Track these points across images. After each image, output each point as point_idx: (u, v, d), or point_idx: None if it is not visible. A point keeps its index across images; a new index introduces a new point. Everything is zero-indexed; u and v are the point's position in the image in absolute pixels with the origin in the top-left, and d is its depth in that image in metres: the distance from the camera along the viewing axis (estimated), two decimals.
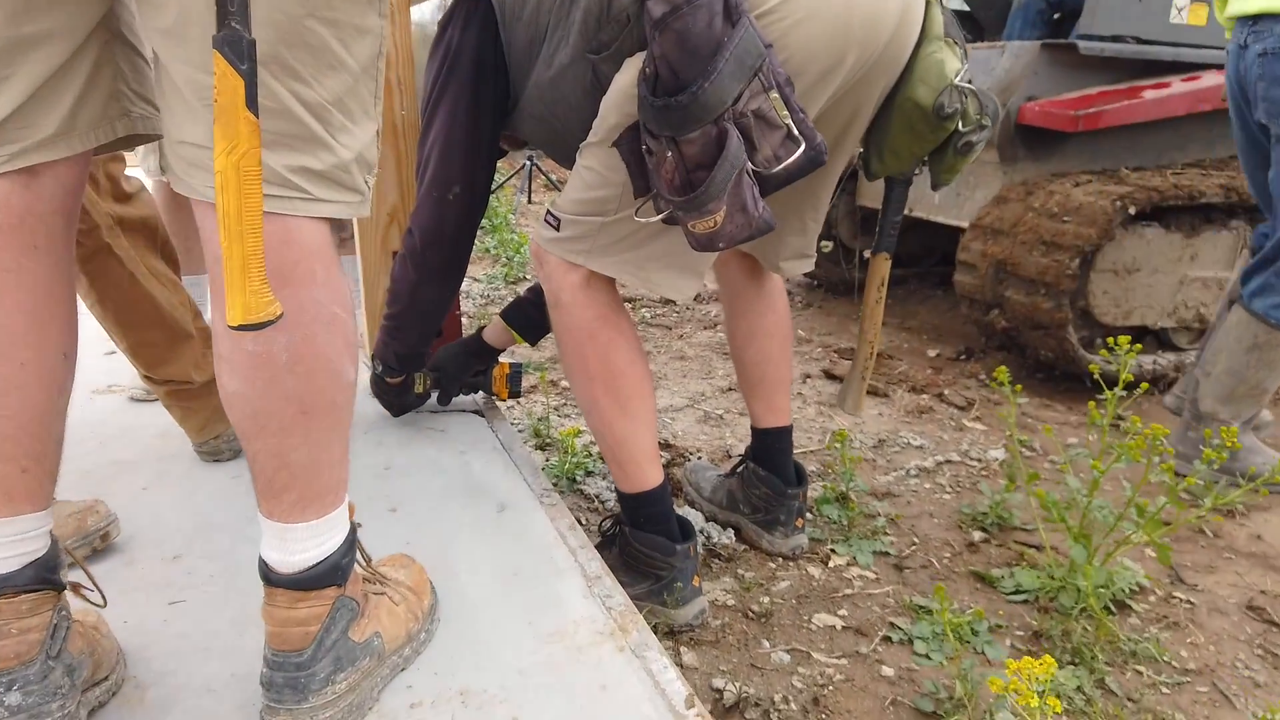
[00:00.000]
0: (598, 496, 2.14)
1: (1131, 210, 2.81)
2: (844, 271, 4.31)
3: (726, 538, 1.95)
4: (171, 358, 1.76)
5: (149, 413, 2.09)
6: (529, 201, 7.68)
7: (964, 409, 2.82)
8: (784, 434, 1.90)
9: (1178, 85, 3.16)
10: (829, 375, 3.12)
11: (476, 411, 2.15)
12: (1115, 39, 3.22)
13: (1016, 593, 1.77)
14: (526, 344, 2.07)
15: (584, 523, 1.99)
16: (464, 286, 4.26)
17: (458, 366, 2.05)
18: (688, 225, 1.31)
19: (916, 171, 1.68)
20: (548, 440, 2.46)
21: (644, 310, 3.97)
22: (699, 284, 1.53)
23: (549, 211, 1.53)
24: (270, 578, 1.07)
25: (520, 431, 2.47)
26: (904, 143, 1.57)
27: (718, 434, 2.56)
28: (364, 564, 1.24)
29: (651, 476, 1.60)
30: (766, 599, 1.73)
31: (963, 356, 3.43)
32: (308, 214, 0.95)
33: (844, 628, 1.66)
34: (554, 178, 7.90)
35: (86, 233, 1.62)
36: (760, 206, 1.30)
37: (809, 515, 2.04)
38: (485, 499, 1.71)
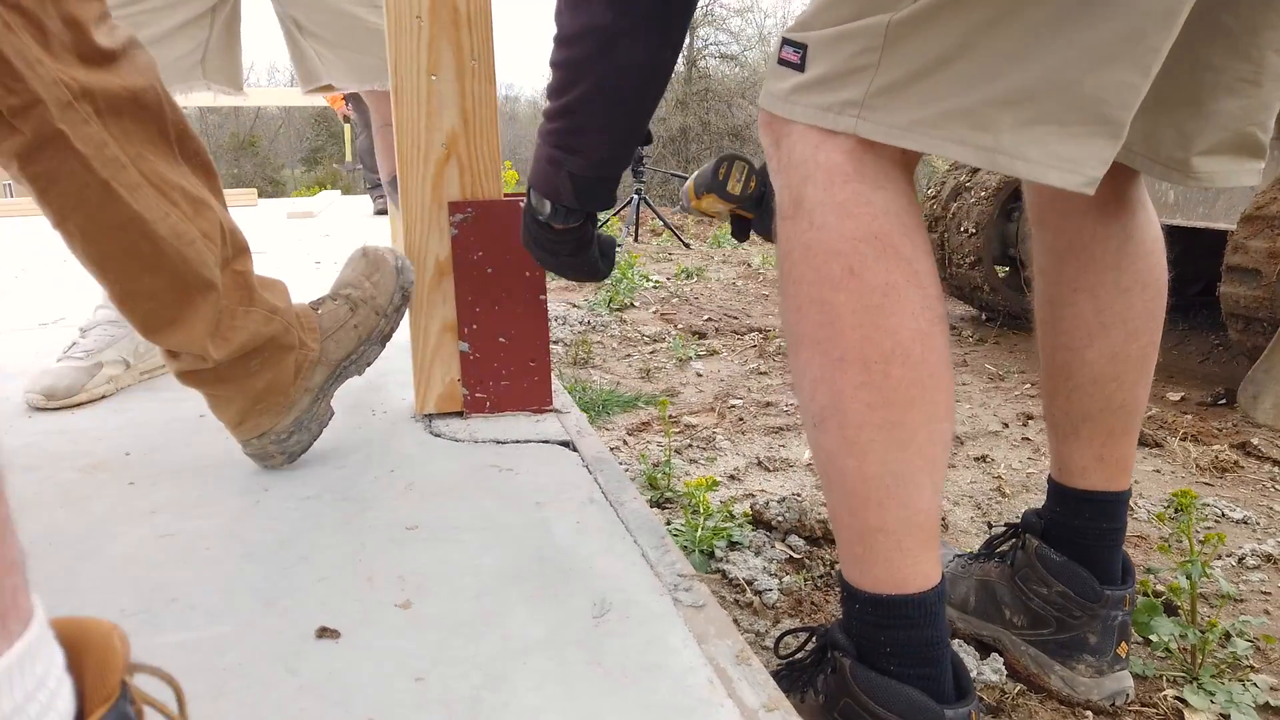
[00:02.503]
0: (751, 584, 1.34)
1: None
2: (1027, 301, 3.45)
3: (989, 669, 1.12)
4: (180, 317, 1.11)
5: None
6: (635, 240, 7.04)
7: None
8: (1117, 504, 1.07)
9: None
10: None
11: (564, 442, 1.39)
12: None
13: None
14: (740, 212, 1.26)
15: (738, 629, 1.20)
16: (561, 312, 3.57)
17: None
18: None
19: None
20: (668, 494, 1.68)
21: (777, 339, 3.18)
22: (1114, 144, 0.71)
23: (784, 40, 0.82)
24: None
25: (631, 480, 1.70)
26: None
27: None
28: None
29: (921, 569, 0.83)
30: None
31: (1221, 401, 2.51)
32: None
33: None
34: (665, 219, 7.25)
35: (22, 111, 0.96)
36: None
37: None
38: (573, 590, 0.95)
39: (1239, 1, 0.80)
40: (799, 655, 0.99)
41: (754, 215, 1.22)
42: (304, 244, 4.17)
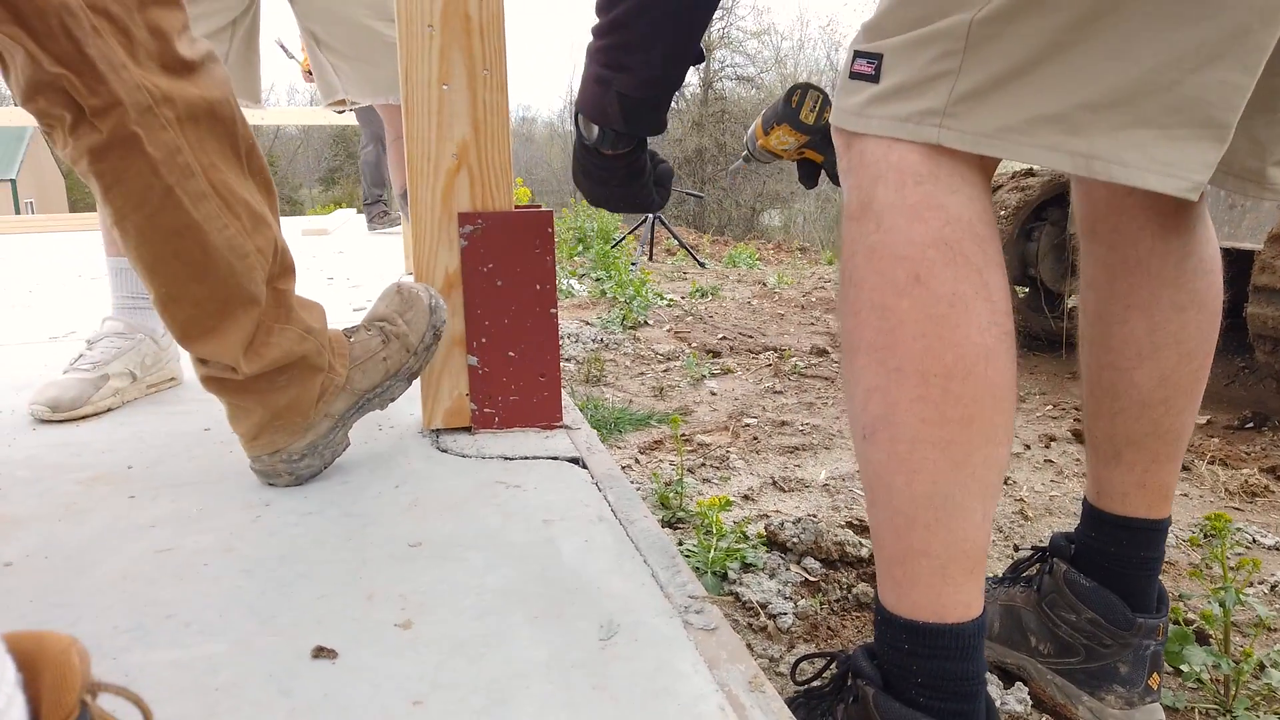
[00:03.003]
0: (765, 607, 1.30)
1: None
2: (1048, 320, 3.40)
3: (1013, 698, 1.08)
4: (218, 328, 1.12)
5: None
6: (649, 259, 7.02)
7: None
8: (1157, 532, 1.02)
9: None
10: (1080, 437, 2.21)
11: (573, 459, 1.36)
12: None
13: None
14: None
15: (751, 653, 1.15)
16: (574, 329, 3.55)
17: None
18: None
19: None
20: (680, 514, 1.64)
21: (793, 359, 3.14)
22: (1220, 146, 0.68)
23: (856, 53, 0.79)
24: None
25: (643, 500, 1.66)
26: None
27: None
28: None
29: (963, 598, 0.79)
30: None
31: (1249, 425, 2.45)
32: None
33: None
34: (681, 239, 7.25)
35: (102, 111, 1.00)
36: None
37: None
38: (579, 611, 0.91)
39: None
40: (817, 682, 0.95)
41: (824, 156, 1.16)
42: (317, 260, 4.17)
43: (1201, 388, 0.98)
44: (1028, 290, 3.52)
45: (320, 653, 0.85)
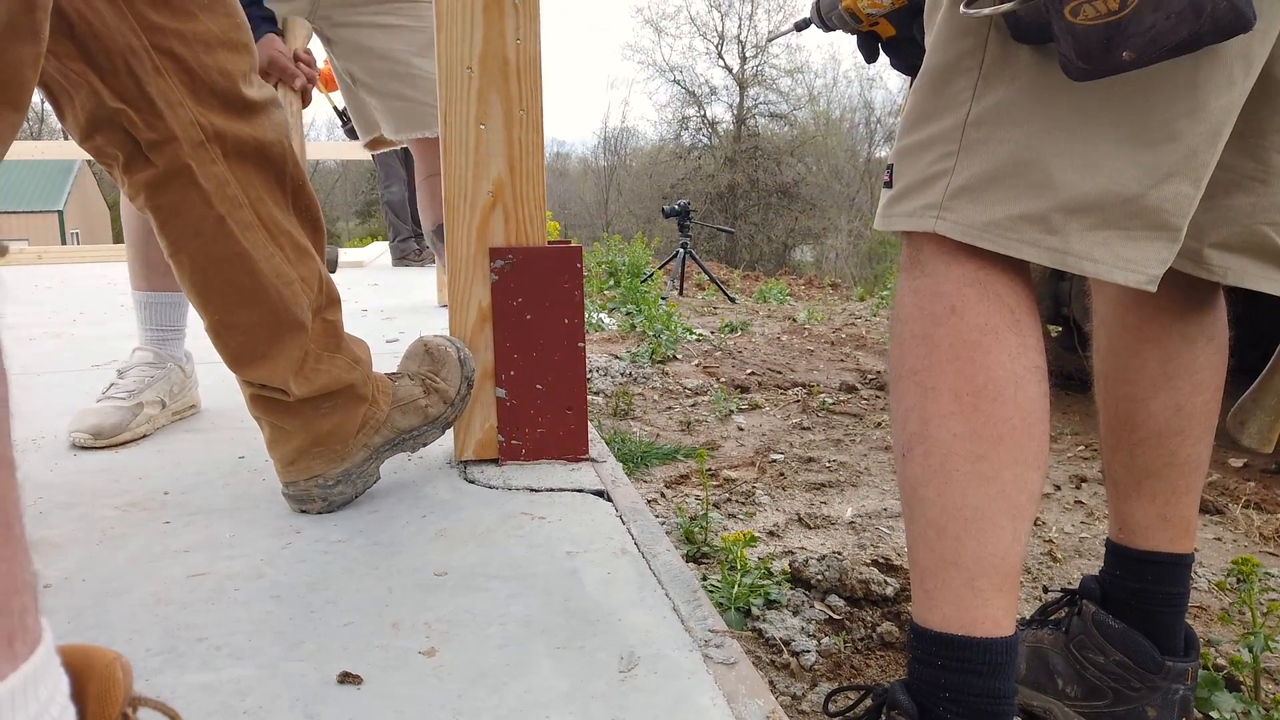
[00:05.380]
0: (788, 644, 1.30)
1: None
2: (1081, 360, 3.37)
3: None
4: (268, 354, 1.18)
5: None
6: (680, 293, 7.06)
7: None
8: (1181, 567, 1.02)
9: None
10: None
11: (598, 491, 1.37)
12: None
13: None
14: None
15: (774, 690, 1.15)
16: (602, 363, 3.57)
17: None
18: (1066, 11, 0.65)
19: None
20: (705, 549, 1.64)
21: (821, 395, 3.14)
22: (1173, 246, 0.79)
23: (887, 167, 0.91)
24: None
25: (667, 533, 1.67)
26: None
27: None
28: None
29: (991, 613, 0.81)
30: None
31: None
32: None
33: None
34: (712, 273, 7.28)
35: (157, 145, 1.07)
36: None
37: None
38: (601, 643, 0.92)
39: (1247, 107, 0.83)
40: (850, 716, 0.94)
41: (898, 30, 1.14)
42: (352, 292, 4.24)
43: (1215, 419, 1.02)
44: (1061, 329, 3.50)
45: (346, 679, 0.86)
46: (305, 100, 2.05)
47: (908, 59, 1.16)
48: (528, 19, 1.41)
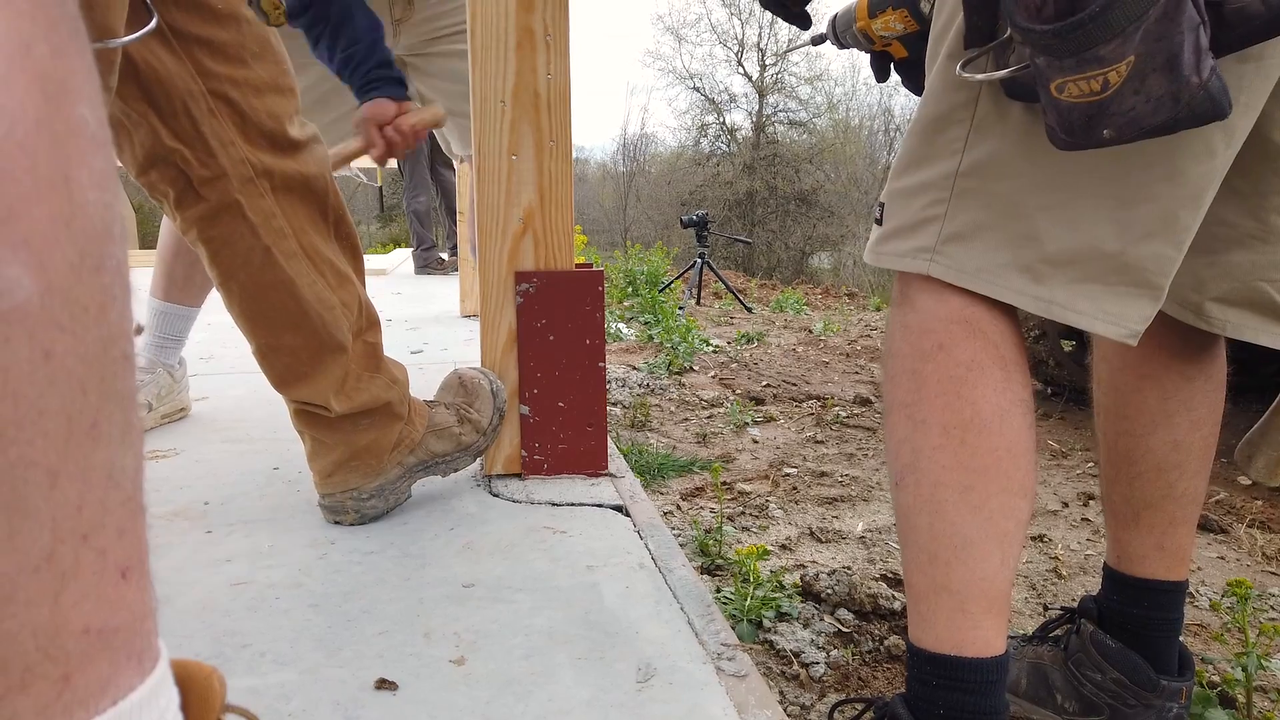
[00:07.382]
0: (798, 656, 1.35)
1: None
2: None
3: None
4: (311, 374, 1.26)
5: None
6: (697, 303, 7.11)
7: None
8: (1176, 594, 1.07)
9: None
10: None
11: (617, 506, 1.43)
12: None
13: None
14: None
15: (783, 700, 1.21)
16: (621, 374, 3.63)
17: None
18: (1052, 87, 0.68)
19: None
20: (719, 561, 1.70)
21: (835, 408, 3.19)
22: (1154, 304, 0.83)
23: (878, 203, 0.95)
24: None
25: (682, 546, 1.73)
26: None
27: None
28: None
29: (982, 634, 0.85)
30: None
31: None
32: None
33: None
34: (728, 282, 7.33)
35: (209, 181, 1.16)
36: (1206, 67, 0.66)
37: None
38: (619, 654, 0.98)
39: (1248, 168, 0.87)
40: None
41: (910, 52, 1.16)
42: (376, 301, 4.30)
43: (1212, 453, 1.06)
44: (1074, 344, 3.53)
45: (382, 685, 0.92)
46: (375, 160, 2.03)
47: (919, 81, 1.21)
48: (558, 55, 1.48)
